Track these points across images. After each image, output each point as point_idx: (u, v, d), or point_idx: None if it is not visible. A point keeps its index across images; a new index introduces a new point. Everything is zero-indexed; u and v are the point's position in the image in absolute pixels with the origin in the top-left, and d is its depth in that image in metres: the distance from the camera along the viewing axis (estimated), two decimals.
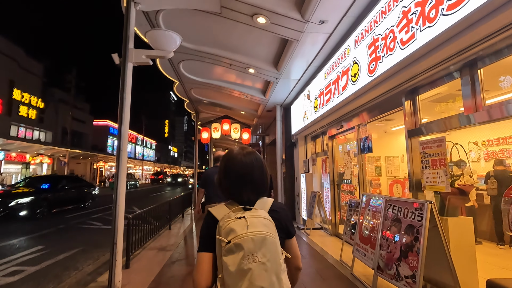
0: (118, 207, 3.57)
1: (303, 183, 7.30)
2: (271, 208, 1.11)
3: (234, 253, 0.95)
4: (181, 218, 9.23)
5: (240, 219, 0.99)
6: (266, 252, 0.95)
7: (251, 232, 0.96)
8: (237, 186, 1.13)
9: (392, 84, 3.47)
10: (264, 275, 0.93)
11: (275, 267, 0.96)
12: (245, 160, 1.14)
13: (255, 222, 0.99)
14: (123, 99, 3.74)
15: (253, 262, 0.93)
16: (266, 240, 0.96)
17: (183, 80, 7.87)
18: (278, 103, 8.64)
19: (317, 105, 5.71)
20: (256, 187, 1.13)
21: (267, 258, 0.95)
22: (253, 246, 0.94)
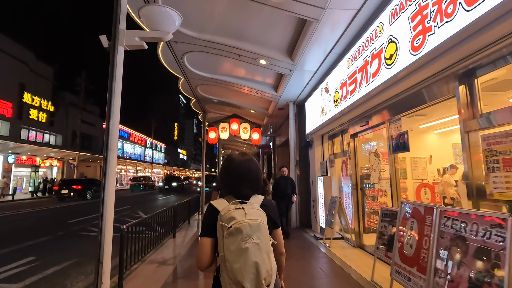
0: (105, 218, 2.96)
1: (320, 187, 6.57)
2: (263, 203, 1.38)
3: (234, 235, 1.21)
4: (187, 224, 8.62)
5: (239, 209, 1.27)
6: (260, 235, 1.23)
7: (248, 219, 1.23)
8: (237, 182, 1.41)
9: (444, 64, 2.75)
10: (258, 253, 1.20)
11: (266, 247, 1.24)
12: (244, 162, 1.45)
13: (252, 212, 1.27)
14: (112, 89, 3.14)
15: (250, 242, 1.20)
16: (260, 226, 1.25)
17: (188, 76, 7.28)
18: (290, 100, 7.95)
19: (338, 99, 5.01)
20: (252, 185, 1.42)
21: (261, 240, 1.22)
22: (250, 230, 1.22)
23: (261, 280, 1.17)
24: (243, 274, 1.17)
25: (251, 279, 1.17)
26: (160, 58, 6.24)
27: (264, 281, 1.18)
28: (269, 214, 1.35)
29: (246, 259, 1.17)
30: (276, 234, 1.42)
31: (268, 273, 1.21)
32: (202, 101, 9.80)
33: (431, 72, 2.93)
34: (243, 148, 22.85)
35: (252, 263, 1.17)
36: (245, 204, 1.31)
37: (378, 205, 4.95)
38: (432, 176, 6.51)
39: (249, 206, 1.30)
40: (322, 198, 6.50)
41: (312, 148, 7.34)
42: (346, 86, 4.60)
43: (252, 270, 1.17)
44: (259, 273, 1.17)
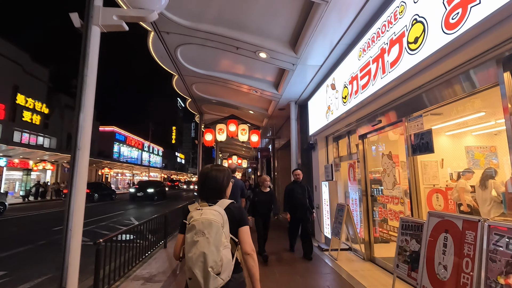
0: (70, 233, 2.42)
1: (325, 192, 6.04)
2: (227, 206, 1.61)
3: (190, 230, 1.49)
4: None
5: (198, 210, 1.55)
6: (210, 231, 1.46)
7: (202, 218, 1.50)
8: (200, 189, 1.73)
9: (488, 44, 2.25)
10: (206, 245, 1.43)
11: (216, 242, 1.45)
12: (211, 174, 1.71)
13: (207, 212, 1.52)
14: (84, 76, 2.61)
15: (201, 236, 1.45)
16: (211, 224, 1.47)
17: (183, 73, 6.78)
18: (292, 99, 7.45)
19: (347, 95, 4.51)
20: (218, 192, 1.69)
21: (211, 235, 1.45)
22: (202, 226, 1.47)
23: (208, 268, 1.40)
24: (193, 261, 1.43)
25: (199, 266, 1.42)
26: (151, 52, 5.73)
27: (211, 269, 1.41)
28: (232, 215, 1.58)
29: (196, 250, 1.43)
30: (240, 232, 1.60)
31: (216, 263, 1.42)
32: (198, 101, 9.29)
33: (471, 55, 2.42)
34: (241, 152, 22.31)
35: (200, 253, 1.42)
36: (207, 206, 1.57)
37: (392, 213, 4.42)
38: (444, 181, 6.02)
39: (208, 208, 1.55)
40: (327, 205, 5.96)
41: (315, 151, 6.82)
42: (357, 80, 4.09)
43: (200, 259, 1.42)
44: (206, 262, 1.41)
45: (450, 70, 2.72)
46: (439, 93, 3.04)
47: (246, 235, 1.60)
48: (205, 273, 1.41)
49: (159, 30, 4.93)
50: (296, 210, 5.23)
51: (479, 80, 2.56)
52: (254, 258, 1.57)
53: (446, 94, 2.94)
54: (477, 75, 2.57)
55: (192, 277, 1.44)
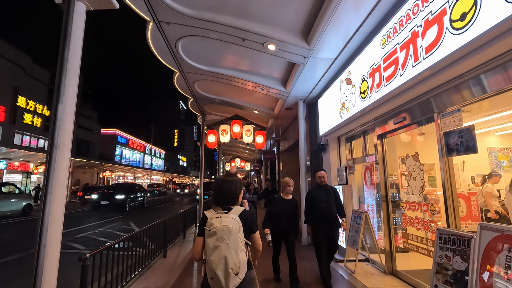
0: (43, 250, 1.96)
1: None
2: (241, 213, 1.85)
3: (212, 236, 1.71)
4: (182, 238, 7.56)
5: (218, 218, 1.77)
6: (229, 237, 1.69)
7: (222, 225, 1.73)
8: (216, 197, 1.94)
9: None
10: (227, 250, 1.67)
11: (235, 246, 1.69)
12: (219, 182, 1.99)
13: (226, 220, 1.76)
14: (64, 60, 2.18)
15: (222, 242, 1.68)
16: (230, 231, 1.71)
17: (184, 69, 6.35)
18: (300, 98, 7.00)
19: (366, 90, 4.04)
20: (226, 198, 1.91)
21: (230, 241, 1.69)
22: (222, 233, 1.70)
23: (229, 269, 1.66)
24: (216, 264, 1.67)
25: (221, 268, 1.66)
26: (150, 46, 5.31)
27: (231, 270, 1.67)
28: (245, 222, 1.83)
29: (218, 253, 1.67)
30: (252, 238, 1.89)
31: (235, 265, 1.68)
32: (201, 101, 8.85)
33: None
34: (245, 154, 21.85)
35: (222, 256, 1.67)
36: (225, 213, 1.82)
37: (419, 222, 3.93)
38: (465, 185, 5.53)
39: (226, 215, 1.80)
40: None
41: (326, 152, 6.35)
42: (380, 72, 3.63)
43: (222, 261, 1.66)
44: (227, 264, 1.66)
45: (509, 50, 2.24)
46: (491, 80, 2.55)
47: (257, 239, 1.92)
48: (226, 274, 1.66)
49: (158, 20, 4.51)
50: (322, 223, 3.97)
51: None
52: (260, 252, 1.98)
53: (500, 81, 2.45)
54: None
55: (214, 277, 1.67)
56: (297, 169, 11.28)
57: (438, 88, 3.03)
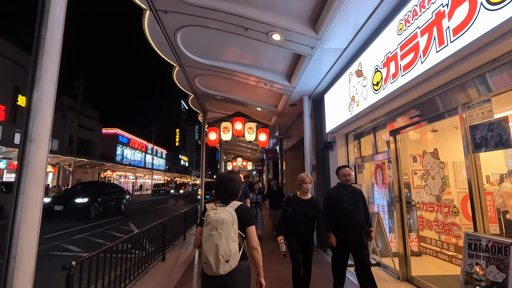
0: (15, 258, 1.67)
1: None
2: (238, 207, 1.98)
3: (207, 226, 1.89)
4: (182, 240, 7.28)
5: (214, 209, 1.94)
6: (222, 227, 1.85)
7: (216, 216, 1.89)
8: (217, 191, 2.10)
9: None
10: (218, 238, 1.83)
11: (226, 236, 1.84)
12: (221, 178, 2.13)
13: (220, 212, 1.91)
14: (41, 40, 1.89)
15: (215, 231, 1.84)
16: (223, 221, 1.87)
17: (184, 63, 6.05)
18: (306, 93, 6.68)
19: (380, 81, 3.73)
20: (227, 193, 2.07)
21: (223, 230, 1.84)
22: (216, 223, 1.86)
23: (219, 256, 1.82)
24: (208, 250, 1.85)
25: (212, 254, 1.83)
26: (148, 37, 5.01)
27: (221, 257, 1.82)
28: (240, 215, 1.96)
29: (211, 241, 1.85)
30: (247, 231, 1.99)
31: (225, 253, 1.83)
32: (202, 98, 8.56)
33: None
34: (246, 154, 21.57)
35: (214, 244, 1.83)
36: (222, 206, 1.97)
37: (439, 225, 3.62)
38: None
39: (222, 208, 1.95)
40: None
41: (333, 150, 6.04)
42: (396, 60, 3.32)
43: (213, 248, 1.83)
44: (218, 251, 1.82)
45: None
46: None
47: (253, 233, 1.99)
48: (217, 260, 1.82)
49: (155, 9, 4.21)
50: (347, 232, 3.19)
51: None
52: (259, 251, 1.98)
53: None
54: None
55: (207, 262, 1.84)
56: (301, 168, 10.97)
57: (466, 75, 2.71)
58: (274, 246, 6.33)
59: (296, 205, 3.35)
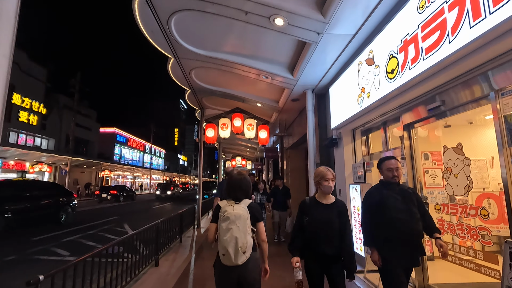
0: None
1: (355, 198, 4.86)
2: (249, 204, 2.26)
3: (225, 221, 2.12)
4: (178, 243, 6.88)
5: (230, 206, 2.20)
6: (240, 222, 2.11)
7: (234, 212, 2.14)
8: (232, 190, 2.32)
9: None
10: (237, 231, 2.09)
11: (244, 229, 2.11)
12: (237, 178, 2.37)
13: (237, 208, 2.18)
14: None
15: (234, 225, 2.09)
16: (240, 217, 2.14)
17: (179, 54, 5.66)
18: (309, 87, 6.29)
19: (395, 68, 3.34)
20: (242, 192, 2.32)
21: (241, 224, 2.11)
22: (234, 218, 2.12)
23: (238, 248, 2.07)
24: (228, 242, 2.07)
25: (232, 246, 2.06)
26: (139, 23, 4.62)
27: (240, 248, 2.07)
28: (252, 212, 2.23)
29: (230, 234, 2.08)
30: (257, 226, 2.25)
31: (243, 244, 2.09)
32: (199, 93, 8.16)
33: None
34: (246, 153, 21.18)
35: (233, 237, 2.08)
36: (236, 204, 2.23)
37: (463, 229, 3.23)
38: (495, 183, 4.85)
39: (237, 205, 2.22)
40: (357, 214, 4.78)
41: (339, 147, 5.65)
42: (416, 43, 2.93)
43: (233, 241, 2.07)
44: (237, 243, 2.07)
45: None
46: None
47: (262, 228, 2.29)
48: (236, 251, 2.08)
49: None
50: (400, 246, 2.43)
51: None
52: (267, 243, 2.29)
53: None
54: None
55: (226, 254, 2.09)
56: (302, 167, 10.60)
57: (506, 54, 2.32)
58: (276, 250, 5.95)
59: (316, 212, 2.42)
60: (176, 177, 65.65)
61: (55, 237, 7.94)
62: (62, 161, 26.82)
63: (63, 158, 26.04)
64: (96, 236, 8.33)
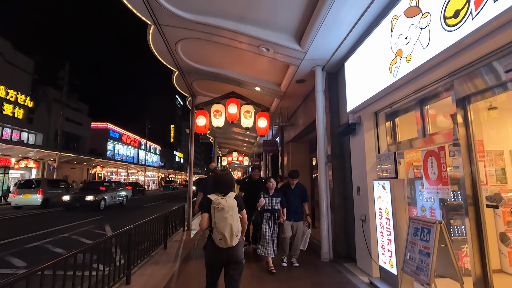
0: None
1: (380, 199, 3.77)
2: (235, 196, 2.72)
3: (220, 211, 2.55)
4: (163, 249, 5.81)
5: (223, 199, 2.62)
6: (232, 211, 2.58)
7: (228, 203, 2.59)
8: (218, 185, 2.74)
9: None
10: (231, 219, 2.55)
11: (236, 217, 2.61)
12: (221, 175, 2.79)
13: (229, 200, 2.63)
14: None
15: (228, 214, 2.54)
16: (233, 207, 2.61)
17: (160, 20, 4.55)
18: (319, 63, 5.21)
19: (462, 8, 2.26)
20: (228, 187, 2.75)
21: (233, 213, 2.59)
22: (228, 208, 2.56)
23: (233, 232, 2.55)
24: (224, 229, 2.52)
25: (228, 231, 2.52)
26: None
27: (234, 233, 2.55)
28: (238, 202, 2.71)
29: (226, 222, 2.53)
30: (242, 214, 2.75)
31: (237, 229, 2.59)
32: (188, 75, 7.05)
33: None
34: (243, 148, 20.08)
35: (229, 224, 2.53)
36: (226, 196, 2.67)
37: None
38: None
39: (228, 197, 2.66)
40: (387, 219, 3.70)
41: (357, 135, 4.58)
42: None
43: (229, 227, 2.53)
44: (232, 229, 2.54)
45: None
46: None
47: (244, 214, 2.79)
48: (231, 235, 2.53)
49: None
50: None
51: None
52: (247, 223, 2.88)
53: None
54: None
55: (222, 238, 2.51)
56: (306, 162, 9.54)
57: None
58: (286, 284, 4.85)
59: None
60: (172, 174, 64.44)
61: (12, 244, 6.81)
62: (50, 156, 25.52)
63: (51, 153, 24.76)
64: (67, 240, 7.22)
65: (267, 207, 4.59)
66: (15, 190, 15.24)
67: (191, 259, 5.14)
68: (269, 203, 4.60)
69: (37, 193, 14.92)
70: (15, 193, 15.02)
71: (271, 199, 4.61)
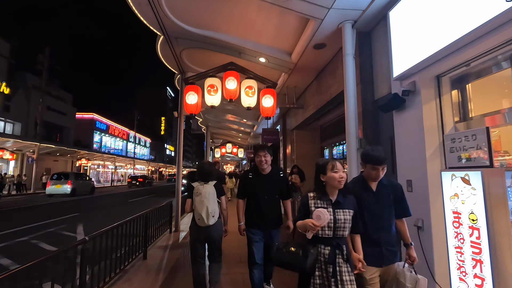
0: None
1: (466, 198, 2.53)
2: (214, 184, 3.22)
3: (198, 196, 3.12)
4: (141, 260, 4.51)
5: (202, 185, 3.17)
6: (209, 196, 3.11)
7: (205, 189, 3.14)
8: (201, 175, 3.25)
9: None
10: (207, 202, 3.08)
11: (212, 200, 3.13)
12: (205, 165, 3.36)
13: (206, 187, 3.16)
14: None
15: (204, 198, 3.08)
16: (210, 192, 3.13)
17: None
18: (350, 17, 3.90)
19: None
20: (209, 176, 3.25)
21: (210, 198, 3.11)
22: (205, 193, 3.11)
23: (209, 213, 3.03)
24: (201, 210, 3.03)
25: (204, 212, 3.01)
26: None
27: (210, 213, 3.04)
28: (217, 189, 3.18)
29: (203, 204, 3.03)
30: (221, 199, 3.26)
31: (213, 210, 3.07)
32: (176, 43, 5.67)
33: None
34: (238, 139, 18.74)
35: (205, 205, 3.03)
36: (205, 184, 3.17)
37: None
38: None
39: (207, 185, 3.16)
40: (467, 227, 2.47)
41: (408, 109, 3.32)
42: None
43: (205, 209, 3.02)
44: (208, 210, 3.03)
45: None
46: None
47: (223, 200, 3.31)
48: (207, 215, 3.02)
49: None
50: None
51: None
52: (227, 211, 3.35)
53: None
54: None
55: (200, 218, 3.03)
56: (314, 153, 8.28)
57: None
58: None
59: None
60: (162, 168, 62.63)
61: None
62: (30, 147, 23.68)
63: (29, 144, 22.93)
64: (21, 247, 5.84)
65: (325, 232, 2.04)
66: (48, 182, 18.62)
67: (178, 272, 3.86)
68: (331, 221, 2.04)
69: (67, 184, 18.17)
70: (48, 184, 18.43)
71: (334, 212, 2.07)
